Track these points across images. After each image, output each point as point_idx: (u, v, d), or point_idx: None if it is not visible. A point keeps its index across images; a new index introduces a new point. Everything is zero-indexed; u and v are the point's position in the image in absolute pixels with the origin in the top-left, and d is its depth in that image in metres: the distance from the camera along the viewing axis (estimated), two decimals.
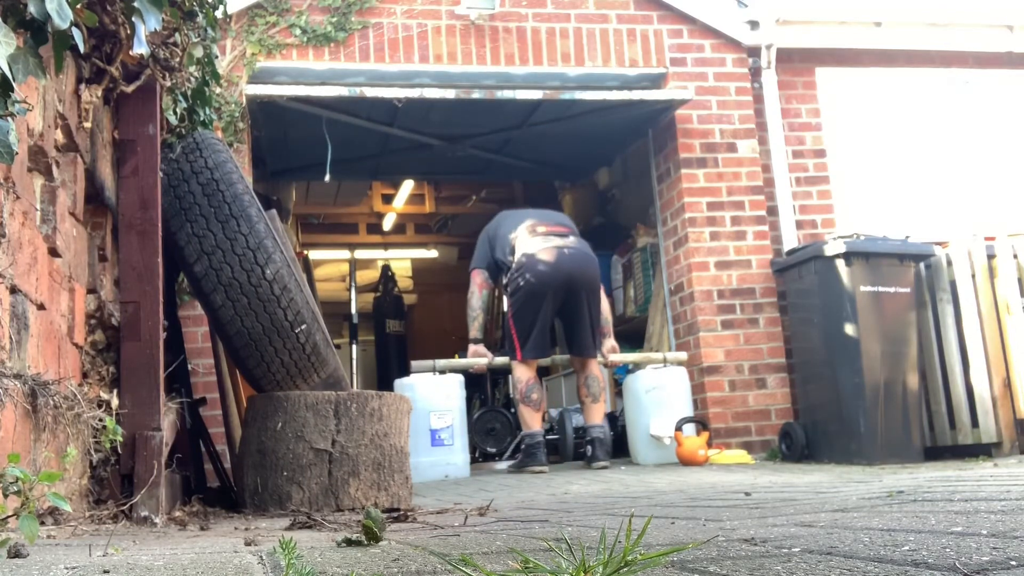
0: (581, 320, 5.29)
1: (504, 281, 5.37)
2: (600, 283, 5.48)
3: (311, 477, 2.94)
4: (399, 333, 10.88)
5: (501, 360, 5.54)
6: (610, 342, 5.57)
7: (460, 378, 5.37)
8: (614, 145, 6.97)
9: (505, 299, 5.56)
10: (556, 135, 6.73)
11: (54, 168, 2.16)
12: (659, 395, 5.41)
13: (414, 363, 5.51)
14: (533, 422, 5.21)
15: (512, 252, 5.31)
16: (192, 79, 3.17)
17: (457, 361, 5.54)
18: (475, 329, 5.49)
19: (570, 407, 6.89)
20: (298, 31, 5.59)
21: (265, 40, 5.55)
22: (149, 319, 2.56)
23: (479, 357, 5.49)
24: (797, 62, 6.33)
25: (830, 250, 5.19)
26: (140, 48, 2.30)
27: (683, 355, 5.68)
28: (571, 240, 5.28)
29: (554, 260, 5.15)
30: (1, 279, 1.76)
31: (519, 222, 5.38)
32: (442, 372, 5.37)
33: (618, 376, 7.31)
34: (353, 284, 10.95)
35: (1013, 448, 5.06)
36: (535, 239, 5.24)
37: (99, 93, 2.45)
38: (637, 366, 5.73)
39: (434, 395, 5.22)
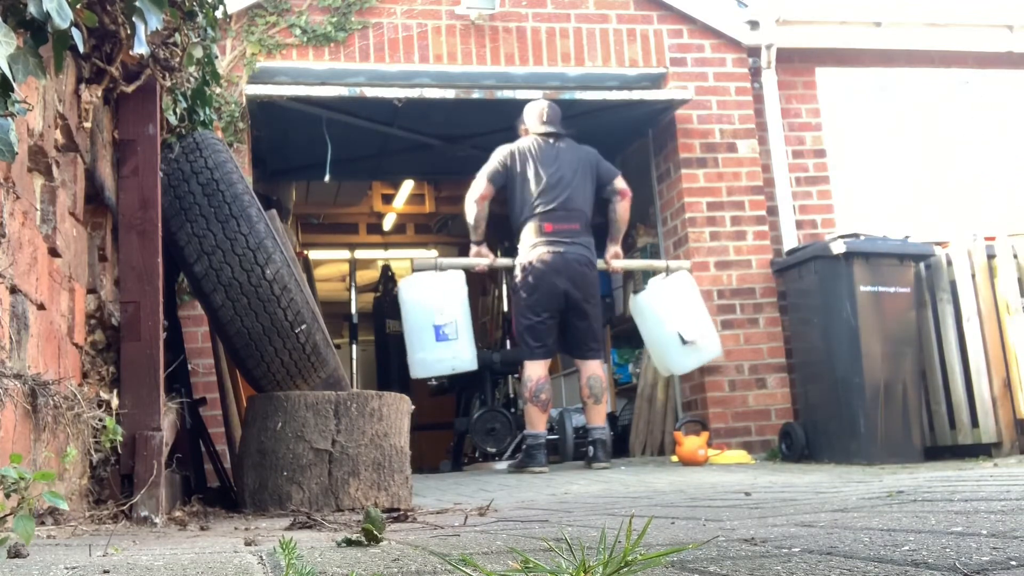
0: (583, 322, 5.29)
1: (512, 280, 5.39)
2: (599, 284, 5.48)
3: (311, 477, 2.94)
4: (399, 333, 10.85)
5: (503, 261, 5.55)
6: (614, 248, 5.54)
7: (462, 274, 5.37)
8: (614, 145, 6.96)
9: (506, 300, 5.58)
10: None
11: (54, 168, 2.16)
12: (676, 303, 5.35)
13: (416, 260, 5.52)
14: (538, 422, 5.21)
15: (518, 226, 5.33)
16: (192, 79, 3.17)
17: (459, 260, 5.54)
18: (479, 233, 5.47)
19: (570, 407, 6.90)
20: (298, 31, 5.59)
21: (265, 40, 5.55)
22: (149, 319, 2.56)
23: (481, 258, 5.50)
24: (797, 62, 6.33)
25: (830, 250, 5.19)
26: (140, 48, 2.30)
27: (686, 263, 5.68)
28: (576, 242, 5.26)
29: (556, 265, 5.17)
30: (1, 279, 1.76)
31: (533, 192, 5.29)
32: (443, 270, 5.38)
33: (618, 376, 7.31)
34: (353, 284, 10.94)
35: (1013, 448, 5.06)
36: (540, 240, 5.24)
37: (99, 93, 2.45)
38: (642, 275, 5.68)
39: (436, 291, 5.24)
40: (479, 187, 5.40)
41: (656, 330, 5.43)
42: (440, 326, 5.13)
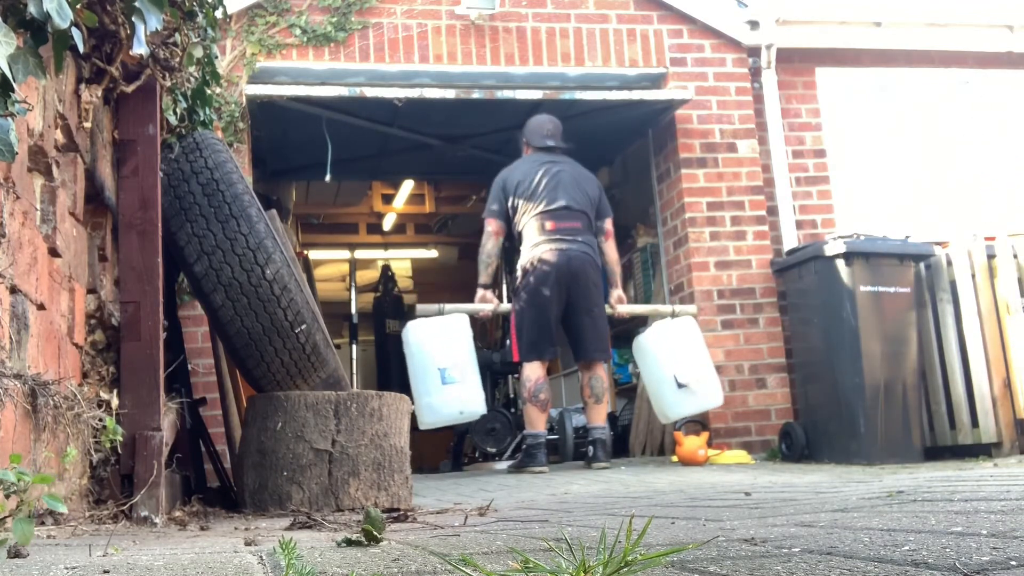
0: (586, 322, 5.29)
1: (516, 283, 5.39)
2: (600, 283, 5.48)
3: (311, 477, 2.94)
4: (399, 333, 10.83)
5: (506, 307, 5.54)
6: (617, 292, 5.54)
7: (466, 318, 5.28)
8: (614, 145, 6.97)
9: (506, 301, 5.57)
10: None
11: (54, 168, 2.16)
12: (676, 346, 5.29)
13: (419, 306, 5.45)
14: (538, 422, 5.21)
15: (520, 231, 5.33)
16: (192, 79, 3.17)
17: (463, 305, 5.48)
18: (486, 276, 5.44)
19: (570, 407, 6.90)
20: (298, 31, 5.59)
21: (265, 40, 5.55)
22: (149, 319, 2.56)
23: (485, 303, 5.45)
24: (797, 62, 6.33)
25: (830, 250, 5.19)
26: (140, 48, 2.30)
27: (692, 308, 5.62)
28: (578, 240, 5.26)
29: (558, 264, 5.17)
30: (1, 279, 1.76)
31: (531, 196, 5.31)
32: (447, 315, 5.32)
33: (618, 376, 7.31)
34: (353, 284, 10.94)
35: (1013, 448, 5.06)
36: (541, 238, 5.24)
37: (99, 93, 2.45)
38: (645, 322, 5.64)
39: (439, 334, 5.15)
40: (488, 227, 5.43)
41: (654, 372, 5.34)
42: (444, 369, 5.00)
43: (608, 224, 5.50)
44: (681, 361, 5.22)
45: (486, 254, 5.41)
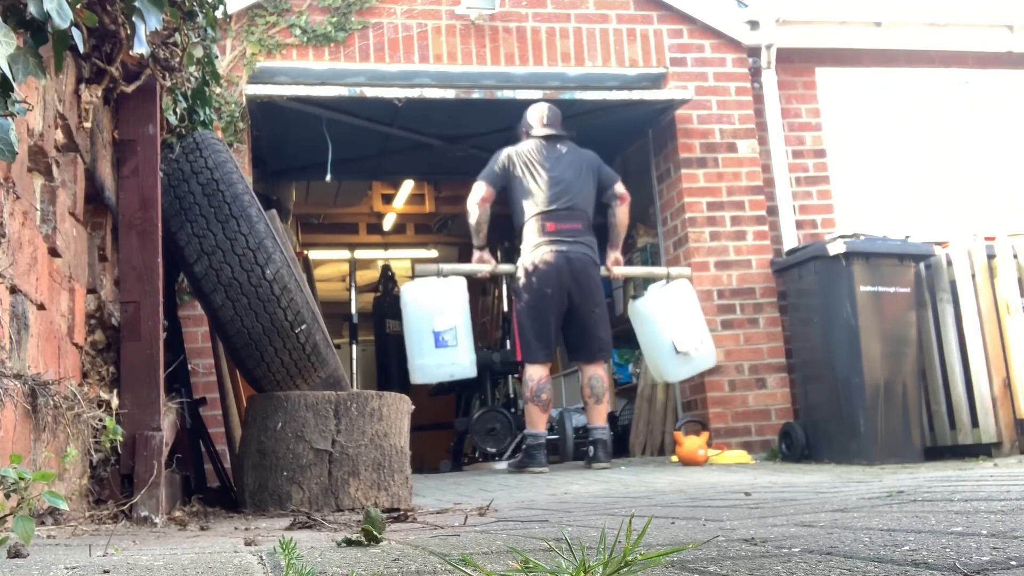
0: (587, 322, 5.29)
1: (516, 282, 5.40)
2: (601, 284, 5.48)
3: (311, 477, 2.94)
4: (399, 333, 10.83)
5: (505, 267, 5.58)
6: (615, 254, 5.55)
7: (463, 280, 5.36)
8: (614, 145, 6.96)
9: (507, 301, 5.58)
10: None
11: (54, 168, 2.16)
12: (674, 311, 5.36)
13: (418, 267, 5.52)
14: (539, 422, 5.22)
15: (520, 226, 5.35)
16: (192, 79, 3.17)
17: (461, 266, 5.53)
18: (480, 238, 5.48)
19: (570, 407, 6.90)
20: (298, 31, 5.59)
21: (265, 40, 5.55)
22: (149, 319, 2.56)
23: (483, 264, 5.50)
24: (797, 62, 6.33)
25: (830, 250, 5.19)
26: (140, 48, 2.30)
27: (687, 270, 5.67)
28: (578, 241, 5.26)
29: (559, 265, 5.18)
30: (1, 279, 1.76)
31: (533, 193, 5.31)
32: (445, 276, 5.38)
33: (618, 376, 7.31)
34: (353, 284, 10.94)
35: (1013, 448, 5.06)
36: (541, 240, 5.24)
37: (99, 93, 2.45)
38: (644, 283, 5.70)
39: (437, 297, 5.24)
40: (479, 190, 5.40)
41: (652, 337, 5.44)
42: (440, 332, 5.13)
43: (619, 188, 5.47)
44: (679, 327, 5.29)
45: (476, 222, 5.41)
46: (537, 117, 5.51)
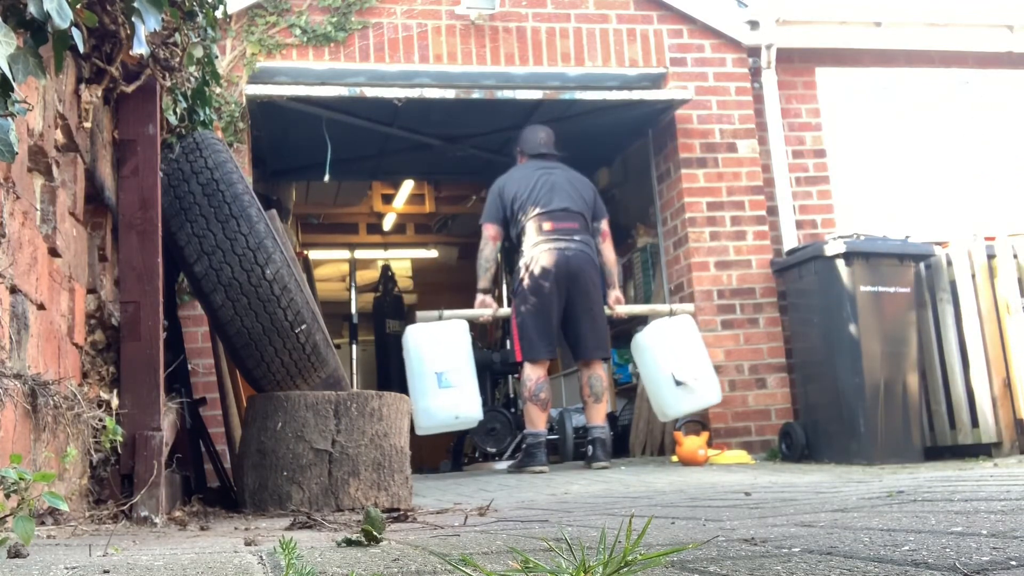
0: (585, 321, 5.30)
1: (516, 283, 5.40)
2: (599, 283, 5.48)
3: (311, 477, 2.94)
4: (399, 333, 10.83)
5: (505, 311, 5.57)
6: (615, 293, 5.56)
7: (465, 324, 5.30)
8: (614, 145, 6.97)
9: (506, 301, 5.57)
10: (556, 135, 6.74)
11: (54, 168, 2.16)
12: (675, 344, 5.31)
13: (419, 313, 5.48)
14: (538, 421, 5.22)
15: (519, 233, 5.37)
16: (192, 79, 3.17)
17: (462, 311, 5.50)
18: (486, 280, 5.50)
19: (570, 407, 6.90)
20: (298, 31, 5.59)
21: (265, 40, 5.55)
22: (149, 319, 2.56)
23: (485, 308, 5.50)
24: (797, 62, 6.33)
25: (830, 250, 5.19)
26: (140, 48, 2.30)
27: (690, 307, 5.65)
28: (576, 240, 5.28)
29: (557, 263, 5.19)
30: (1, 279, 1.76)
31: (528, 200, 5.36)
32: (446, 320, 5.34)
33: (618, 376, 7.31)
34: (353, 284, 10.94)
35: (1013, 448, 5.06)
36: (540, 239, 5.26)
37: (99, 93, 2.45)
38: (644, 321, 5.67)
39: (438, 338, 5.18)
40: (487, 232, 5.48)
41: (653, 371, 5.36)
42: (441, 373, 5.02)
43: (604, 225, 5.55)
44: (679, 359, 5.25)
45: (484, 259, 5.47)
46: (532, 138, 5.61)
